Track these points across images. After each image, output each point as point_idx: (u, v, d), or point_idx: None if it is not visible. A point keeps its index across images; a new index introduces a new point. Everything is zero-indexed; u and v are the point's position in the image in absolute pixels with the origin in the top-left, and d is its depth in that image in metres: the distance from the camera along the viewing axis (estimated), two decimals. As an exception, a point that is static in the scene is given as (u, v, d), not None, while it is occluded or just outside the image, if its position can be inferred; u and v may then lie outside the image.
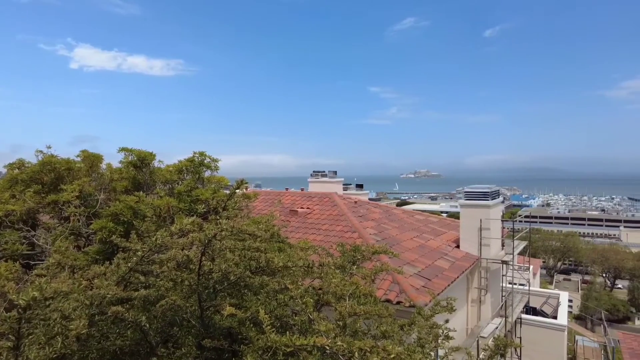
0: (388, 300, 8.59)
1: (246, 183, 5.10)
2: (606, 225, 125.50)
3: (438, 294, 9.01)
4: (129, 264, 3.73)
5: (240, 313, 3.11)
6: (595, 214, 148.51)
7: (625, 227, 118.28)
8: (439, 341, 3.44)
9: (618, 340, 23.73)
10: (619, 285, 71.06)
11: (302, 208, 15.17)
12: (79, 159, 9.86)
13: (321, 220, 13.92)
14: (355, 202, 16.19)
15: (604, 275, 73.02)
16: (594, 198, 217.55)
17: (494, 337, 3.88)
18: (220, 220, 3.61)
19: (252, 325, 3.19)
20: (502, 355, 3.73)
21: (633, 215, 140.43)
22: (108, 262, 4.39)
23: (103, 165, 10.11)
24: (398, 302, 8.53)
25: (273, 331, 2.68)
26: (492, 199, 13.51)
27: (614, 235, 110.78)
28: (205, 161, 10.02)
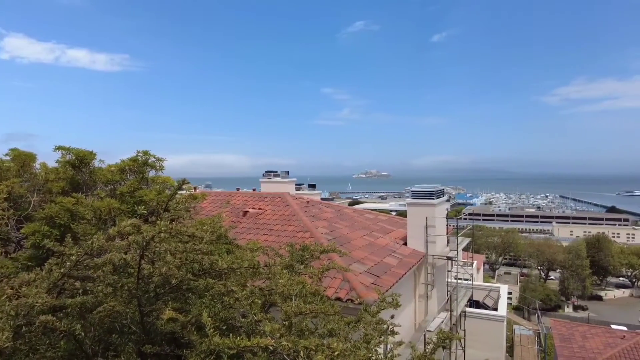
0: (338, 299, 8.69)
1: (189, 183, 4.95)
2: (541, 222, 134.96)
3: (386, 291, 9.24)
4: (62, 270, 3.49)
5: (182, 317, 3.01)
6: (531, 211, 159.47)
7: (557, 222, 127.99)
8: (384, 337, 3.52)
9: (550, 327, 25.57)
10: (552, 277, 76.66)
11: (253, 209, 14.99)
12: (8, 157, 9.14)
13: (273, 220, 13.83)
14: (308, 202, 16.25)
15: (539, 268, 78.44)
16: (531, 196, 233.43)
17: (439, 331, 4.04)
18: (159, 222, 3.47)
19: (194, 329, 3.10)
20: (444, 348, 3.89)
21: (563, 212, 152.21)
22: (39, 268, 4.09)
23: (37, 165, 9.44)
24: (348, 300, 8.65)
25: (217, 334, 2.62)
26: (437, 198, 14.06)
27: (548, 230, 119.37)
28: (150, 161, 9.62)
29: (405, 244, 14.06)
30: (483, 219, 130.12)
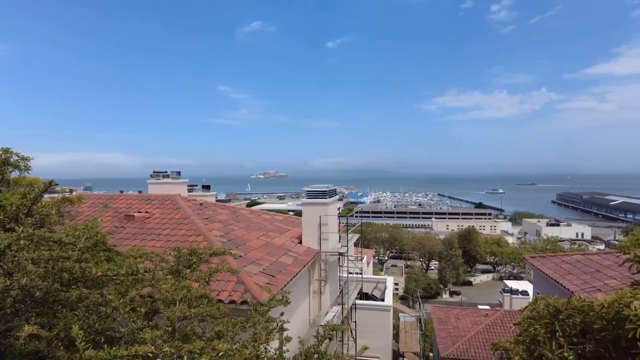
0: (233, 301, 8.57)
1: (57, 184, 4.45)
2: (422, 217, 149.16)
3: (281, 289, 9.39)
4: None
5: (45, 332, 2.70)
6: (414, 208, 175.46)
7: (435, 218, 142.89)
8: (272, 334, 3.60)
9: (430, 313, 28.41)
10: (432, 267, 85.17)
11: (139, 212, 13.96)
12: None
13: (162, 224, 13.04)
14: (201, 204, 15.66)
15: (421, 259, 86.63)
16: (414, 195, 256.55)
17: (325, 323, 4.25)
18: (19, 228, 3.07)
19: (62, 344, 2.80)
20: (331, 339, 4.12)
21: (441, 209, 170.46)
22: None
23: None
24: (243, 303, 8.58)
25: (89, 347, 2.42)
26: (330, 197, 14.70)
27: (428, 225, 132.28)
28: (12, 159, 8.37)
29: (301, 242, 14.41)
30: (372, 216, 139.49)
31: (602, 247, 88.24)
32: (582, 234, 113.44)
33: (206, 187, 20.12)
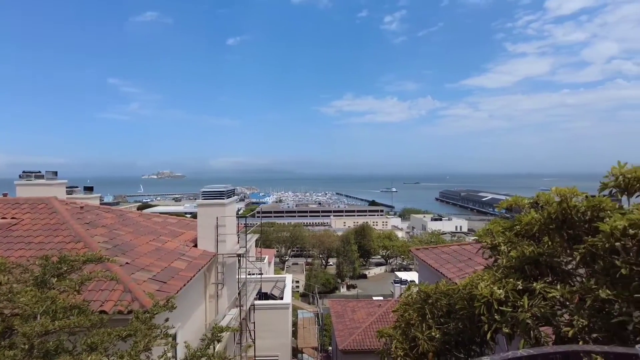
0: (120, 312, 7.93)
1: None
2: (322, 216, 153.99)
3: (173, 296, 8.95)
4: None
5: None
6: (314, 207, 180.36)
7: (334, 216, 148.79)
8: (155, 341, 3.43)
9: (328, 307, 29.45)
10: (331, 263, 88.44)
11: (4, 218, 12.13)
12: None
13: (33, 231, 11.49)
14: (82, 207, 14.14)
15: (321, 256, 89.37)
16: (314, 194, 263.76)
17: (214, 326, 4.18)
18: None
19: None
20: (219, 341, 4.06)
21: (339, 207, 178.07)
22: None
23: None
24: (130, 312, 7.99)
25: None
26: (228, 198, 14.40)
27: (327, 223, 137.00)
28: None
29: (196, 245, 13.87)
30: (274, 216, 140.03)
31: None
32: (461, 227, 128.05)
33: (88, 189, 18.23)
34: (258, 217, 19.39)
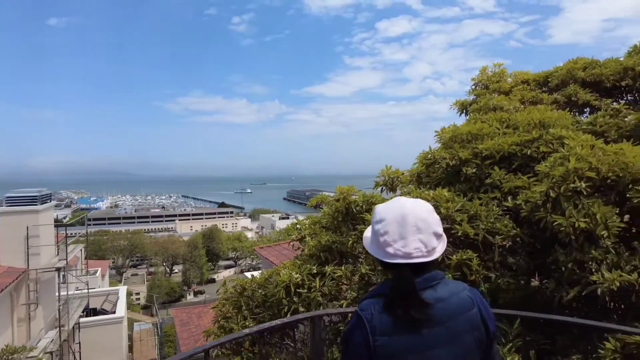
0: None
1: None
2: (166, 220, 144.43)
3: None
4: None
5: None
6: (157, 211, 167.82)
7: (179, 220, 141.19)
8: None
9: (172, 317, 28.05)
10: (176, 270, 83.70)
11: None
12: None
13: None
14: None
15: (164, 264, 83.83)
16: (157, 197, 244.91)
17: (8, 348, 3.73)
18: None
19: None
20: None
21: (185, 210, 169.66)
22: None
23: None
24: None
25: None
26: (43, 203, 12.61)
27: (172, 228, 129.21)
28: None
29: (-2, 261, 11.76)
30: (109, 223, 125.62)
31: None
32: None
33: None
34: (89, 224, 17.37)
